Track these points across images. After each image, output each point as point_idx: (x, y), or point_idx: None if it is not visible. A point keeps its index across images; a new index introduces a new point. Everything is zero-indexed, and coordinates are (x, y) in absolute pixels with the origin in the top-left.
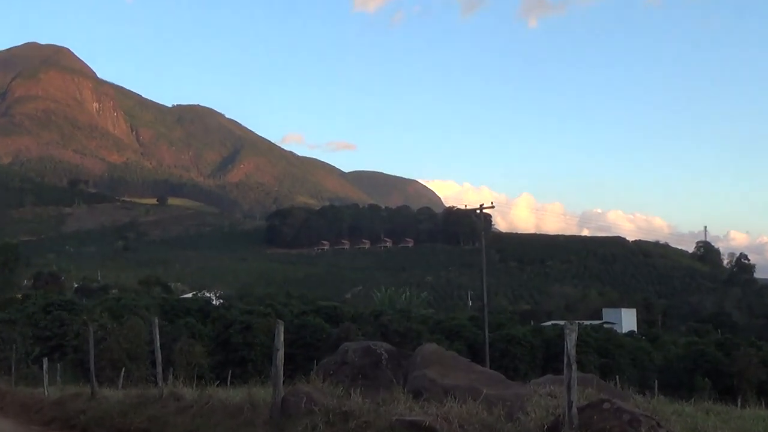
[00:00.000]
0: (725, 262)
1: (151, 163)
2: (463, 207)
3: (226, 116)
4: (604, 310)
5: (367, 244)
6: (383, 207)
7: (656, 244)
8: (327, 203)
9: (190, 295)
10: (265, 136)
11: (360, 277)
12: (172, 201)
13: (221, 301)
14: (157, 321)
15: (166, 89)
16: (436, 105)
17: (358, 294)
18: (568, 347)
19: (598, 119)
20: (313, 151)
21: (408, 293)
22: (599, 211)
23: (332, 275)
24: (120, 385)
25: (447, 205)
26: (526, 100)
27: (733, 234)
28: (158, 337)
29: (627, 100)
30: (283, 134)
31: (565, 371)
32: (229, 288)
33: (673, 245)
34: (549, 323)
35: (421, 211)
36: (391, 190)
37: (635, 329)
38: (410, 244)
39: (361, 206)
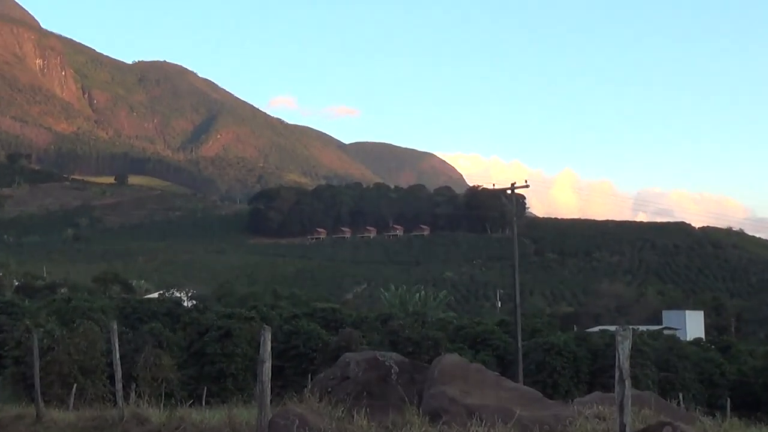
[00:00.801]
0: None
1: (107, 133)
2: (490, 186)
3: (199, 75)
4: (664, 312)
5: (372, 233)
6: (392, 186)
7: (729, 231)
8: (323, 182)
9: (155, 295)
10: (247, 100)
11: (364, 272)
12: (133, 180)
13: (194, 302)
14: (115, 327)
15: (125, 43)
16: (458, 62)
17: (361, 294)
18: (620, 358)
19: (656, 80)
20: (306, 118)
21: (423, 292)
22: (658, 190)
23: (330, 271)
24: (71, 405)
25: (470, 184)
26: (566, 58)
27: None
28: (117, 346)
29: (693, 56)
30: (269, 97)
31: (616, 388)
32: (204, 287)
33: (750, 233)
34: (596, 329)
35: (439, 191)
36: (401, 165)
37: (702, 336)
38: (425, 233)
39: (365, 186)
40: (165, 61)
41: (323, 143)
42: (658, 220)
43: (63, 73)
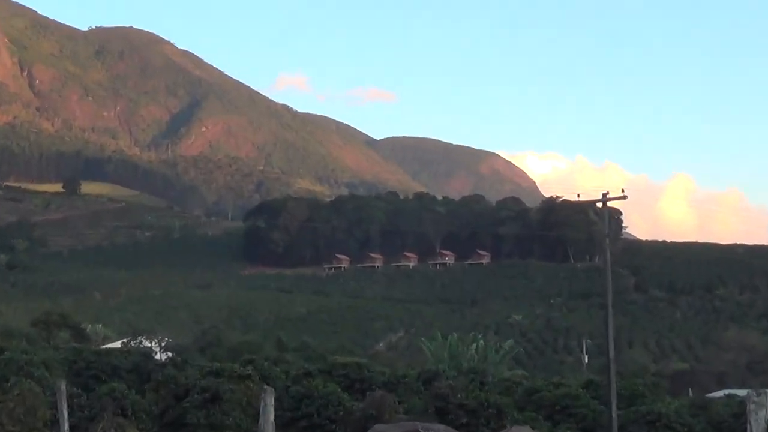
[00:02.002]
0: None
1: (53, 125)
2: (573, 197)
3: (178, 47)
4: None
5: (412, 260)
6: (440, 198)
7: None
8: (345, 191)
9: (118, 344)
10: (242, 80)
11: (401, 315)
12: (88, 188)
13: (170, 354)
14: (64, 388)
15: (78, 3)
16: (527, 31)
17: (397, 344)
18: None
19: None
20: (323, 105)
21: (481, 342)
22: None
23: (354, 312)
24: None
25: (546, 195)
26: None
27: None
28: (66, 414)
29: None
30: (273, 76)
31: None
32: (184, 333)
33: None
34: (720, 393)
35: (504, 203)
36: (453, 169)
37: None
38: (485, 260)
39: (402, 196)
40: (131, 27)
41: (346, 139)
42: None
43: None
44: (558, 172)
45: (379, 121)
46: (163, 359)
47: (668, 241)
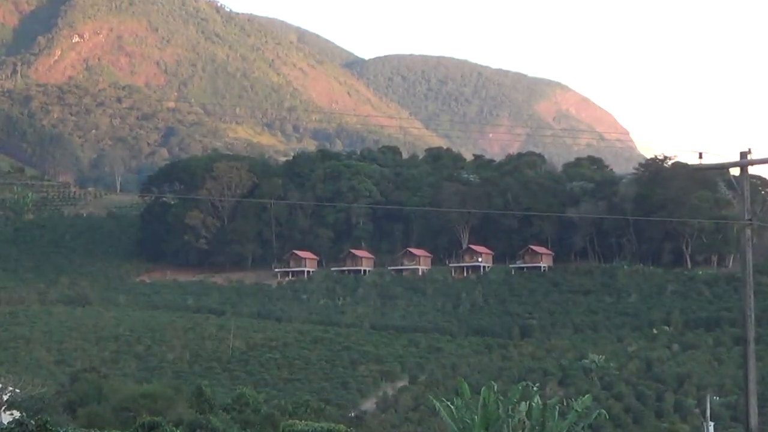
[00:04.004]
0: None
1: None
2: (692, 160)
3: None
4: None
5: (422, 261)
6: (469, 157)
7: None
8: (312, 145)
9: None
10: None
11: (403, 353)
12: None
13: (15, 414)
14: None
15: None
16: None
17: (397, 400)
18: None
19: None
20: (277, 3)
21: (537, 399)
22: None
23: (326, 347)
24: None
25: (647, 157)
26: None
27: None
28: None
29: None
30: None
31: None
32: (42, 379)
33: None
34: None
35: (576, 168)
36: (491, 108)
37: None
38: (543, 263)
39: (407, 154)
40: None
41: (314, 58)
42: None
43: None
44: (665, 118)
45: (368, 31)
46: (4, 423)
47: None
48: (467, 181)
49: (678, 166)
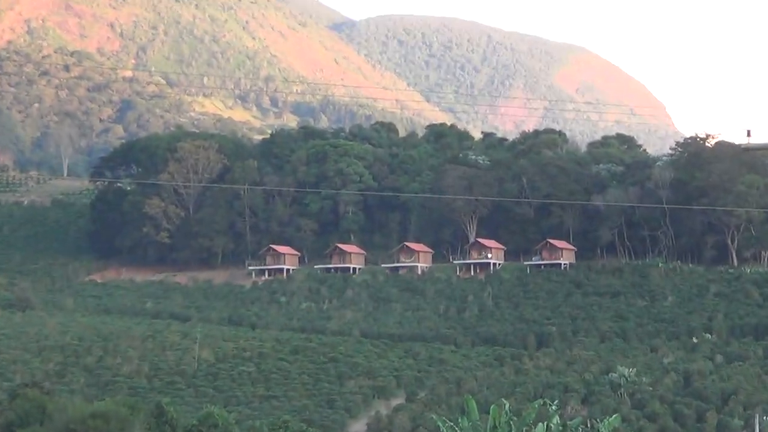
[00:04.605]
0: None
1: None
2: (738, 138)
3: None
4: None
5: (421, 258)
6: (477, 135)
7: None
8: (293, 121)
9: None
10: None
11: (400, 365)
12: None
13: None
14: None
15: None
16: None
17: (392, 420)
18: None
19: None
20: None
21: (557, 420)
22: None
23: (309, 358)
24: None
25: (685, 135)
26: None
27: None
28: None
29: None
30: None
31: None
32: None
33: None
34: None
35: (603, 148)
36: (503, 78)
37: None
38: (564, 259)
39: (405, 131)
40: None
41: (295, 19)
42: None
43: None
44: (707, 90)
45: None
46: None
47: None
48: (475, 164)
49: (722, 146)
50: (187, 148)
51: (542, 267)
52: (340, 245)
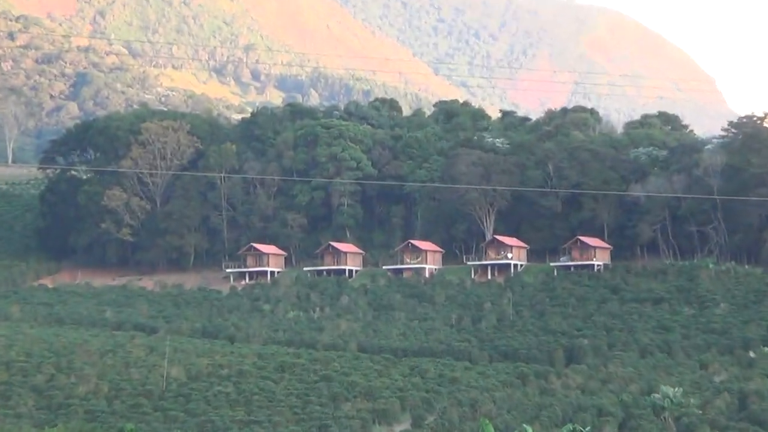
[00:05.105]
0: None
1: None
2: None
3: None
4: None
5: (429, 258)
6: (495, 114)
7: None
8: (278, 98)
9: None
10: None
11: (404, 384)
12: None
13: None
14: None
15: None
16: None
17: None
18: None
19: None
20: None
21: None
22: None
23: (296, 377)
24: None
25: (741, 114)
26: None
27: None
28: None
29: None
30: None
31: None
32: None
33: None
34: None
35: (644, 128)
36: (525, 46)
37: None
38: (598, 260)
39: (410, 110)
40: None
41: None
42: None
43: None
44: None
45: None
46: None
47: None
48: (492, 148)
49: None
50: (153, 130)
51: (572, 269)
52: (334, 243)
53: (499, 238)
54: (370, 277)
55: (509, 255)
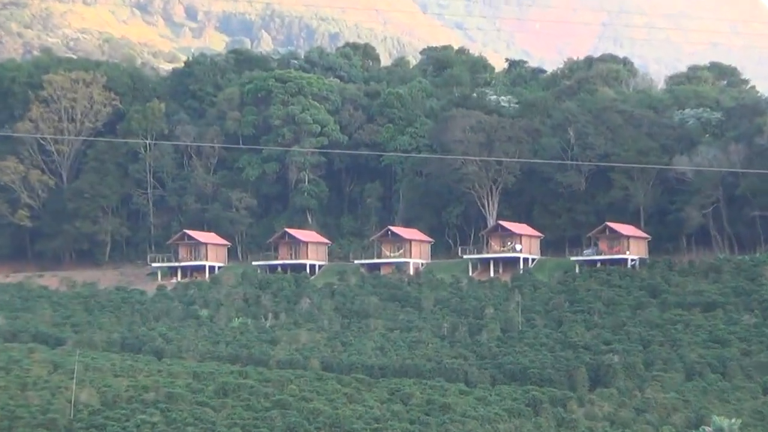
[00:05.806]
0: None
1: None
2: None
3: None
4: None
5: (410, 249)
6: (507, 61)
7: None
8: (221, 42)
9: None
10: None
11: (386, 412)
12: None
13: None
14: None
15: None
16: None
17: None
18: None
19: None
20: None
21: None
22: None
23: (246, 402)
24: None
25: None
26: None
27: None
28: None
29: None
30: None
31: None
32: None
33: None
34: None
35: (689, 81)
36: None
37: None
38: (632, 254)
39: (393, 61)
40: None
41: None
42: None
43: None
44: None
45: None
46: None
47: None
48: (497, 108)
49: None
50: (58, 83)
51: (598, 264)
52: (291, 231)
53: (505, 224)
54: (337, 275)
55: (517, 246)
